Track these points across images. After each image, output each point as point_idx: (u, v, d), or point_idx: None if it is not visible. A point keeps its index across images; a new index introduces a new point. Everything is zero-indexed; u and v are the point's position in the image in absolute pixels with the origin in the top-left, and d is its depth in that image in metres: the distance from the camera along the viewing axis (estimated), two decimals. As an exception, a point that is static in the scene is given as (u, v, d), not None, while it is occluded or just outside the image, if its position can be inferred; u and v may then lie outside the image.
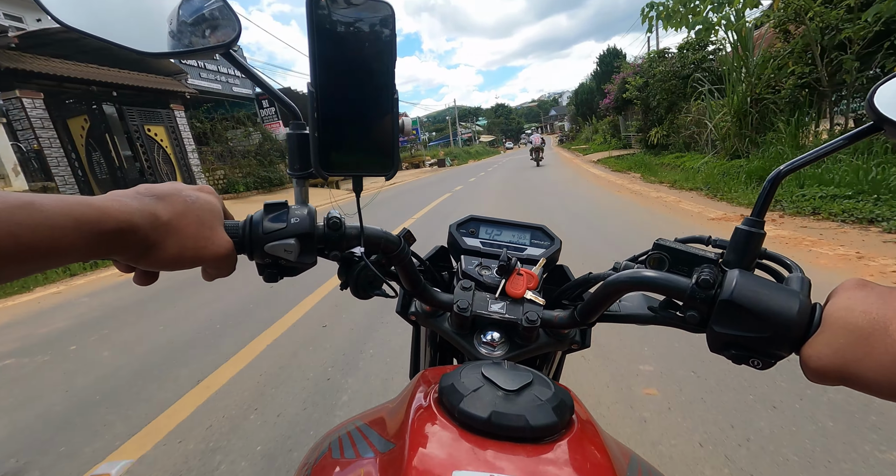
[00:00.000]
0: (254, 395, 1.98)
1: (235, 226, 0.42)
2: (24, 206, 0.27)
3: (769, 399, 1.63)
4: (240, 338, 2.61)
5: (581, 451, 0.31)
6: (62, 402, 2.11)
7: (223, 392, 2.04)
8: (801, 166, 0.40)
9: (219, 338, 2.67)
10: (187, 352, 2.52)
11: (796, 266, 0.43)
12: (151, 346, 2.69)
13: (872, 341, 0.28)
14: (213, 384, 2.11)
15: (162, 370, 2.32)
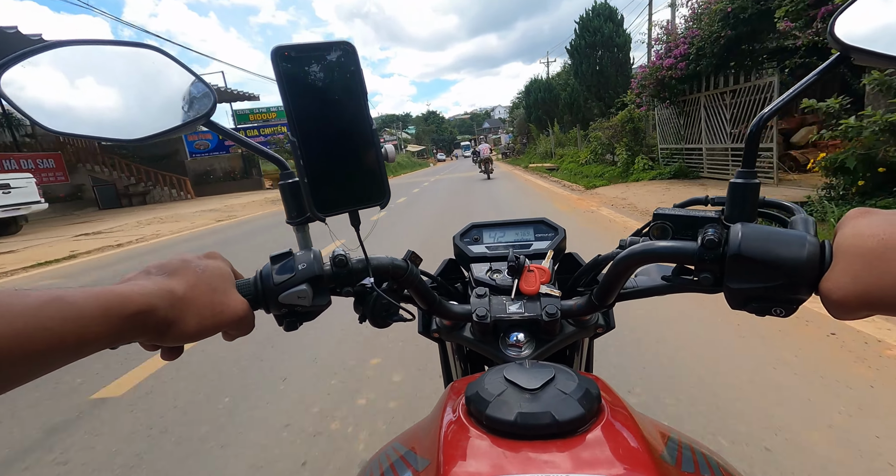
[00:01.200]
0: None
1: (247, 284, 0.43)
2: (55, 300, 0.28)
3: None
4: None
5: (613, 438, 0.31)
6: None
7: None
8: (780, 108, 0.40)
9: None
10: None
11: (798, 208, 0.43)
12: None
13: (886, 260, 0.28)
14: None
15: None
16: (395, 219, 7.51)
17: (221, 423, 1.82)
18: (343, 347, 2.45)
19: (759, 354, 1.97)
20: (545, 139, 23.37)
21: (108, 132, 0.41)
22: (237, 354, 2.45)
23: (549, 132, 22.28)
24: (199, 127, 0.45)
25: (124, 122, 0.42)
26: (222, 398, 2.03)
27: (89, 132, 0.41)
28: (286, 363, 2.33)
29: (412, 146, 67.34)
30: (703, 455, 0.37)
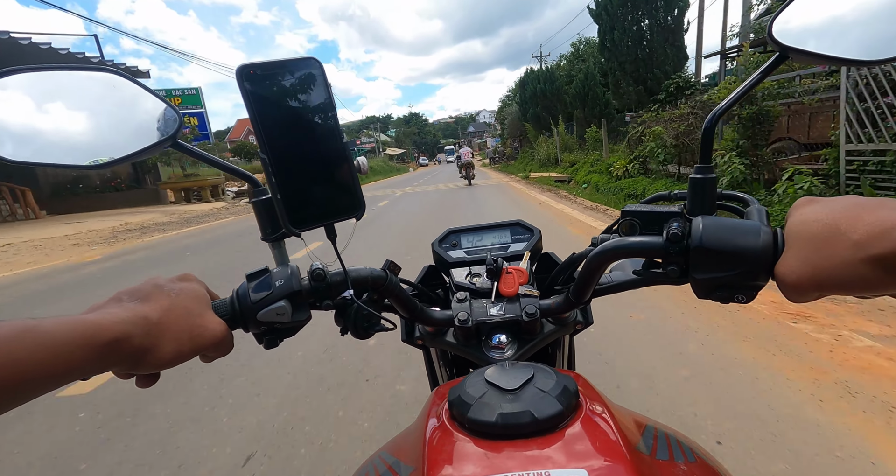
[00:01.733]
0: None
1: (223, 304, 0.43)
2: (25, 332, 0.28)
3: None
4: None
5: (591, 432, 0.32)
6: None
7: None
8: (731, 105, 0.42)
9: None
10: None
11: (752, 199, 0.45)
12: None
13: (831, 242, 0.30)
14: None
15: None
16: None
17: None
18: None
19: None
20: (546, 141, 18.22)
21: (69, 159, 0.40)
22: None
23: (552, 133, 17.15)
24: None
25: (86, 149, 0.41)
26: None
27: (48, 160, 0.40)
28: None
29: (391, 149, 61.38)
30: (678, 442, 0.38)
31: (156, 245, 7.23)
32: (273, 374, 2.27)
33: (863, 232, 0.29)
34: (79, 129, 0.41)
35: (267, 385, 2.17)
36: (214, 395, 2.11)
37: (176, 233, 8.55)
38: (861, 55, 0.37)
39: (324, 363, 2.34)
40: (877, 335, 2.11)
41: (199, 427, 1.85)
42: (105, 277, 5.05)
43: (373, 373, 2.19)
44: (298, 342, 2.44)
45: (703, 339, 2.24)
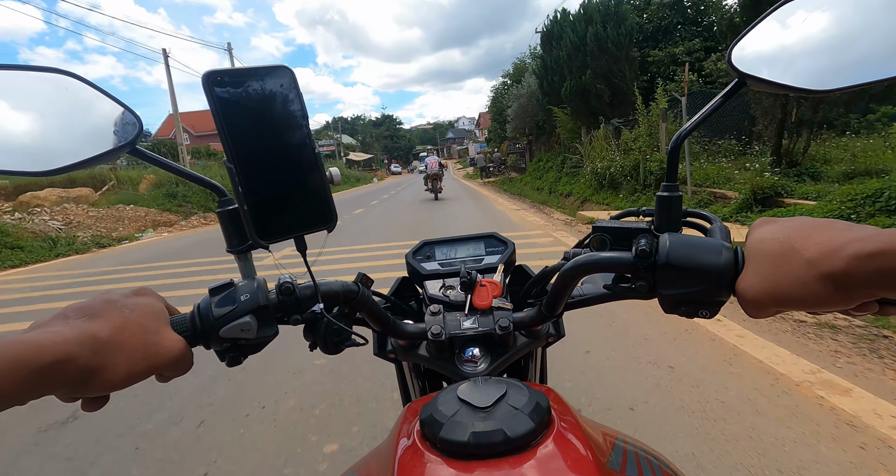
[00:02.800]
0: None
1: (183, 320, 0.41)
2: None
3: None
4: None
5: (562, 449, 0.32)
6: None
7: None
8: (694, 128, 0.44)
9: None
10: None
11: (715, 218, 0.47)
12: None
13: (787, 259, 0.32)
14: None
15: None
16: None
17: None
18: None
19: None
20: (603, 139, 9.17)
21: (18, 165, 0.38)
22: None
23: (610, 123, 9.39)
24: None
25: (35, 154, 0.38)
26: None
27: (3, 167, 0.37)
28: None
29: (356, 155, 51.93)
30: (647, 458, 0.39)
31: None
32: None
33: (814, 250, 0.31)
34: (26, 133, 0.38)
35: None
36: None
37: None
38: (810, 85, 0.40)
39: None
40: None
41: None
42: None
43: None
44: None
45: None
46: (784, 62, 0.41)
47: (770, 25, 0.42)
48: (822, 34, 0.40)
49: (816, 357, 2.04)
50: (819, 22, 0.40)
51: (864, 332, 2.23)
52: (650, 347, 2.29)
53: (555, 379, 1.96)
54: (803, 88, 0.40)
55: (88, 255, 8.11)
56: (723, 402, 1.73)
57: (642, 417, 1.70)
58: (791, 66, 0.41)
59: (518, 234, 5.98)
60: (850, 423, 1.54)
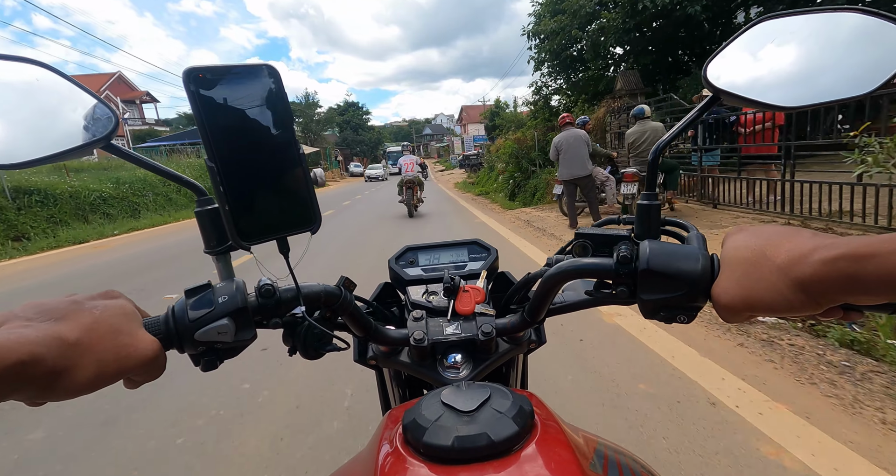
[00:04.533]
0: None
1: (156, 322, 0.39)
2: None
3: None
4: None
5: (546, 453, 0.32)
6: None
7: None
8: (673, 139, 0.46)
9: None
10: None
11: (692, 226, 0.49)
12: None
13: (759, 266, 0.34)
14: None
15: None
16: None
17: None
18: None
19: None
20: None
21: None
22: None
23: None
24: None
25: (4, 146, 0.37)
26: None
27: None
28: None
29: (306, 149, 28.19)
30: (627, 463, 0.40)
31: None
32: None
33: (784, 257, 0.32)
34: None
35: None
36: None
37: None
38: (778, 101, 0.42)
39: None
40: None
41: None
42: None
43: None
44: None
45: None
46: (754, 79, 0.43)
47: (743, 45, 0.44)
48: (788, 57, 0.43)
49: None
50: (786, 46, 0.43)
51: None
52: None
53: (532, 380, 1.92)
54: (772, 104, 0.42)
55: None
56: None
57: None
58: (760, 84, 0.43)
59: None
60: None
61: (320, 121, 44.79)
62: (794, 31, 0.43)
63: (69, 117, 0.39)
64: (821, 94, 0.41)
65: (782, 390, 1.85)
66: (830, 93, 0.40)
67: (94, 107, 0.40)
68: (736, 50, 0.45)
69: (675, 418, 1.73)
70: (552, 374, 2.13)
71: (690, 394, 1.88)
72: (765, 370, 2.01)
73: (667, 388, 1.94)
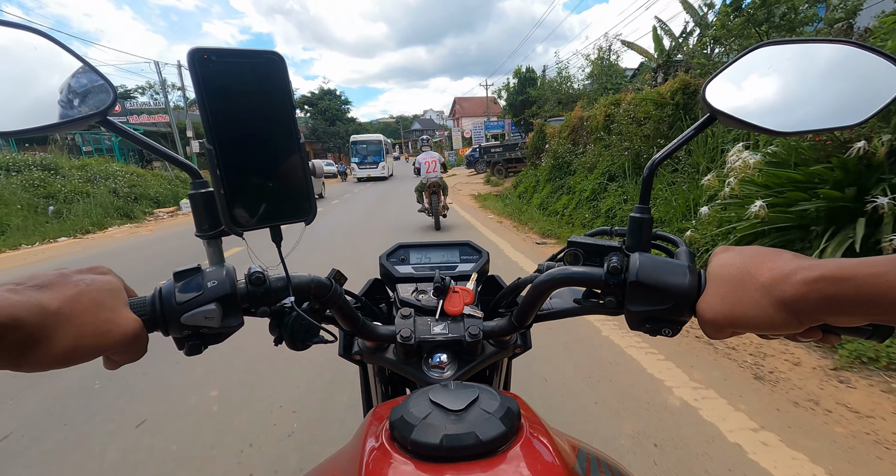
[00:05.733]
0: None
1: (142, 302, 0.38)
2: None
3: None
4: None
5: (531, 455, 0.33)
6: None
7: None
8: (669, 155, 0.47)
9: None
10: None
11: (681, 241, 0.50)
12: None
13: (744, 284, 0.35)
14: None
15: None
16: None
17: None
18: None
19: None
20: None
21: None
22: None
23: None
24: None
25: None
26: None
27: None
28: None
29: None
30: (608, 465, 0.40)
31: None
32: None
33: (767, 276, 0.33)
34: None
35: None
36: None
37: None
38: (772, 126, 0.44)
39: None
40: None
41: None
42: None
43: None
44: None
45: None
46: (750, 103, 0.45)
47: (741, 68, 0.46)
48: (783, 83, 0.44)
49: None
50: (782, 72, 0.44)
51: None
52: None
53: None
54: (766, 129, 0.44)
55: None
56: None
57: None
58: (756, 108, 0.44)
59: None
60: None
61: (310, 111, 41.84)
62: (790, 58, 0.44)
63: (67, 89, 0.38)
64: (812, 122, 0.42)
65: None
66: (821, 121, 0.42)
67: (93, 80, 0.39)
68: (734, 73, 0.46)
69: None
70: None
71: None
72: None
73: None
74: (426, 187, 6.56)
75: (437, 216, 6.59)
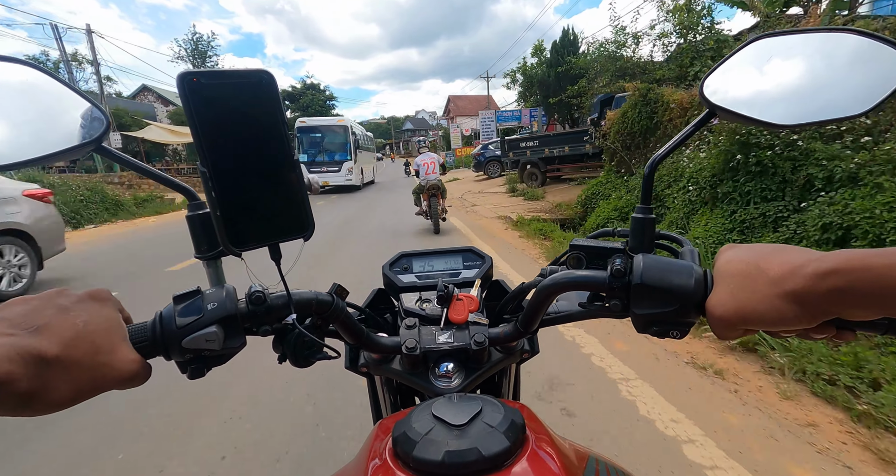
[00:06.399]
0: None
1: (142, 329, 0.38)
2: None
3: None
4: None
5: (537, 469, 0.32)
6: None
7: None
8: (668, 153, 0.46)
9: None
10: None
11: (686, 240, 0.49)
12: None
13: (753, 278, 0.34)
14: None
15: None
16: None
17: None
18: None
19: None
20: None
21: None
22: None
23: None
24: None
25: None
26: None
27: None
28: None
29: (173, 132, 19.83)
30: (618, 473, 0.39)
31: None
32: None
33: (777, 270, 0.32)
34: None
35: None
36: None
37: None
38: (774, 119, 0.43)
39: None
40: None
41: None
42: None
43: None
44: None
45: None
46: (749, 97, 0.44)
47: (739, 62, 0.45)
48: (784, 75, 0.43)
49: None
50: (782, 64, 0.43)
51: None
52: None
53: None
54: (768, 122, 0.43)
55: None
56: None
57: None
58: (756, 101, 0.43)
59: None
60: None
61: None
62: (790, 50, 0.43)
63: (60, 119, 0.39)
64: (816, 113, 0.41)
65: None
66: (826, 112, 0.41)
67: (85, 109, 0.39)
68: (732, 67, 0.45)
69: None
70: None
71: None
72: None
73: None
74: (425, 189, 6.28)
75: (436, 219, 6.27)
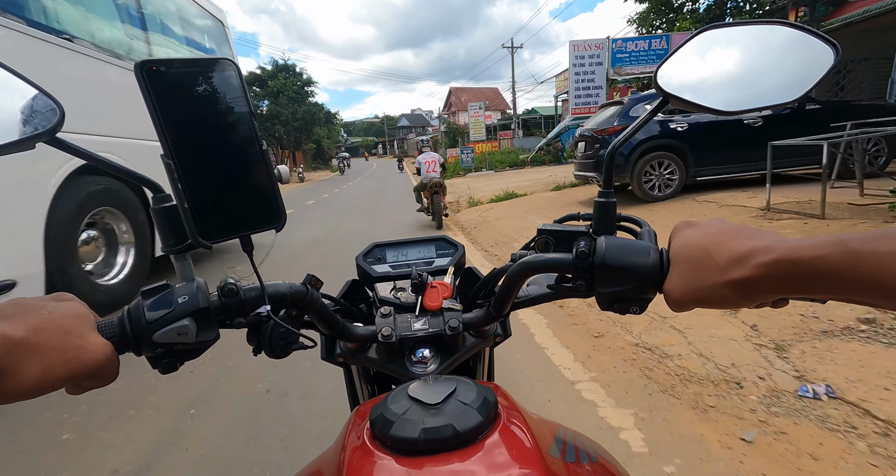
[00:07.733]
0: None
1: (111, 324, 0.37)
2: None
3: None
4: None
5: (508, 441, 0.34)
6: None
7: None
8: (626, 139, 0.48)
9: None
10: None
11: (644, 222, 0.52)
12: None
13: (704, 264, 0.36)
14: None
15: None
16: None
17: None
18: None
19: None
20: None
21: None
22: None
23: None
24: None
25: None
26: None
27: None
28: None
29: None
30: (582, 444, 0.42)
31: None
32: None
33: (725, 258, 0.35)
34: None
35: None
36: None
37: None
38: (721, 106, 0.46)
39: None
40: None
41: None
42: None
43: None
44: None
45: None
46: (697, 85, 0.47)
47: (689, 52, 0.48)
48: (727, 65, 0.46)
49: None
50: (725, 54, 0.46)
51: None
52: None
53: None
54: (714, 109, 0.46)
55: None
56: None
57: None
58: (703, 89, 0.46)
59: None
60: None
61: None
62: (731, 41, 0.46)
63: (7, 108, 0.36)
64: (755, 100, 0.44)
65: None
66: (763, 99, 0.44)
67: (34, 98, 0.37)
68: (683, 56, 0.48)
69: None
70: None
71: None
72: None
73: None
74: (427, 187, 6.55)
75: (438, 215, 6.54)
